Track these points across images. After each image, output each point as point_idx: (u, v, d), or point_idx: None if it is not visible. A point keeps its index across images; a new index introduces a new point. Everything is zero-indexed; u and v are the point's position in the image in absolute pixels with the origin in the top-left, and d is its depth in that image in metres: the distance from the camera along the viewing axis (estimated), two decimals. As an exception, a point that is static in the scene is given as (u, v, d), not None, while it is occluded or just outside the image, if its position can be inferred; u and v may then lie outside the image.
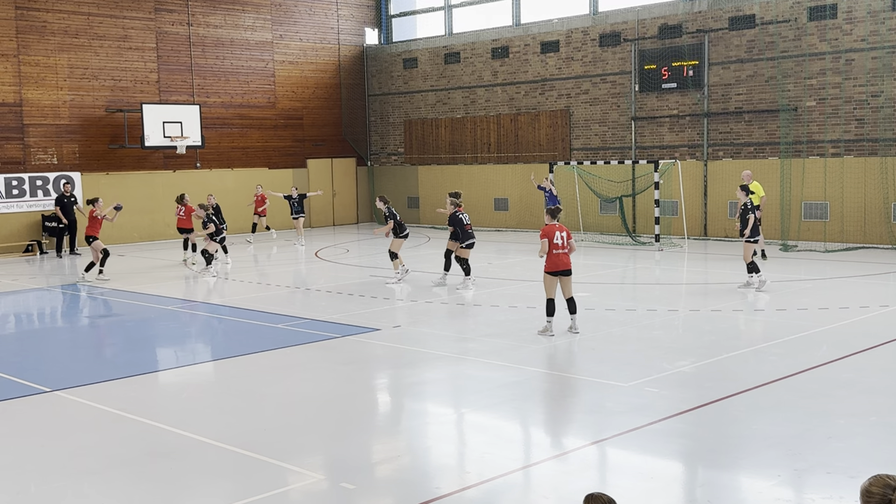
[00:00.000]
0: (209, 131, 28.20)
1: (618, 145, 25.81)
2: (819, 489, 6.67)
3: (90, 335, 14.20)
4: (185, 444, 8.04)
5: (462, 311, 14.58)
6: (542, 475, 7.25)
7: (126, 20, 26.71)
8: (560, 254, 12.14)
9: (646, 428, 8.14)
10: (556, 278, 12.23)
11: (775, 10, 22.49)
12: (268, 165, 29.99)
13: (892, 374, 9.90)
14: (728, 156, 23.70)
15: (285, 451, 7.77)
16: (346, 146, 32.27)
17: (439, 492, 6.77)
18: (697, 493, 6.80)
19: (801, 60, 22.18)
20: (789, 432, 7.94)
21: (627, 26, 25.34)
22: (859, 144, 21.50)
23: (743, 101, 23.32)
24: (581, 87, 26.52)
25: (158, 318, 14.96)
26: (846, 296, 14.68)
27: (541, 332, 12.35)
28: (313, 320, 13.85)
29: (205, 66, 28.44)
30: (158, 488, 7.04)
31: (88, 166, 26.13)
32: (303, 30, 30.69)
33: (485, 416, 8.94)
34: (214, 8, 28.57)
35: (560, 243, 12.14)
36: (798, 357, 10.63)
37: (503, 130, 28.55)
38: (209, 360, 12.03)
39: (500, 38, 28.43)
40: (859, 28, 21.23)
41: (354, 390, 10.07)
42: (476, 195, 29.18)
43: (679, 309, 14.14)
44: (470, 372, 10.57)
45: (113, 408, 9.24)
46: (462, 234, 16.41)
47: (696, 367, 10.38)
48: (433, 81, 30.36)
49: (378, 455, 7.91)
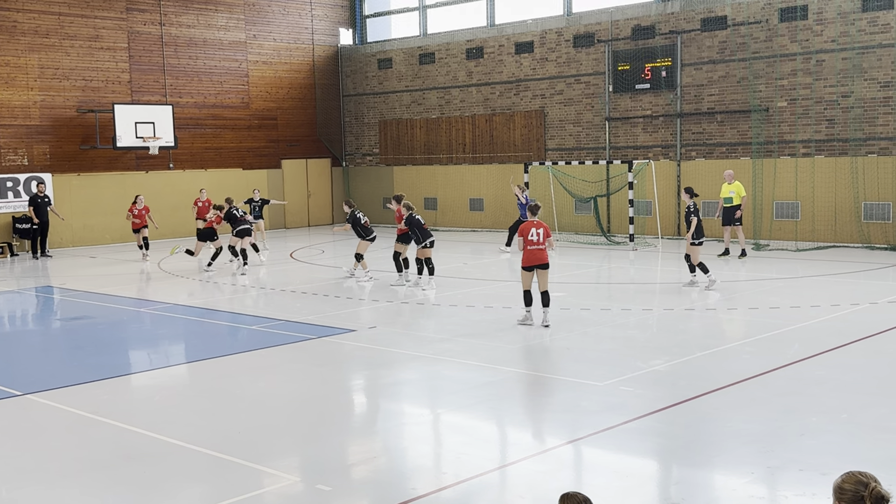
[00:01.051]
0: (182, 132, 28.01)
1: (592, 145, 25.92)
2: (792, 486, 6.73)
3: (62, 338, 14.05)
4: (158, 448, 7.98)
5: (437, 312, 14.57)
6: (518, 475, 7.27)
7: (97, 20, 26.46)
8: (535, 249, 12.63)
9: (621, 427, 8.18)
10: (533, 272, 12.75)
11: (747, 12, 22.69)
12: (242, 166, 29.82)
13: (863, 372, 10.02)
14: (701, 156, 23.88)
15: (260, 454, 7.73)
16: (321, 147, 32.17)
17: (415, 493, 6.76)
18: (672, 491, 6.85)
19: (773, 61, 22.40)
20: (762, 430, 8.01)
21: (601, 27, 25.46)
22: (830, 144, 21.73)
23: (715, 102, 23.50)
24: (555, 88, 26.61)
25: (131, 320, 14.83)
26: (817, 294, 14.84)
27: (520, 322, 12.83)
28: (288, 321, 13.79)
29: (177, 66, 28.24)
30: (132, 492, 6.97)
31: (60, 167, 25.86)
32: (276, 30, 30.56)
33: (461, 416, 8.95)
34: (187, 8, 28.37)
35: (535, 239, 12.61)
36: (770, 355, 10.73)
37: (478, 131, 28.59)
38: (183, 363, 11.94)
39: (474, 39, 28.47)
40: (830, 29, 21.47)
41: (330, 392, 10.03)
42: (451, 196, 29.20)
43: (653, 308, 14.22)
44: (446, 372, 10.57)
45: (85, 411, 9.15)
46: (421, 235, 16.47)
47: (670, 366, 10.44)
48: (408, 82, 30.34)
49: (354, 456, 7.89)
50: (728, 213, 19.57)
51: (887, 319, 12.62)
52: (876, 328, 12.03)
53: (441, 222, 29.26)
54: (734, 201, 19.46)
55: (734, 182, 19.60)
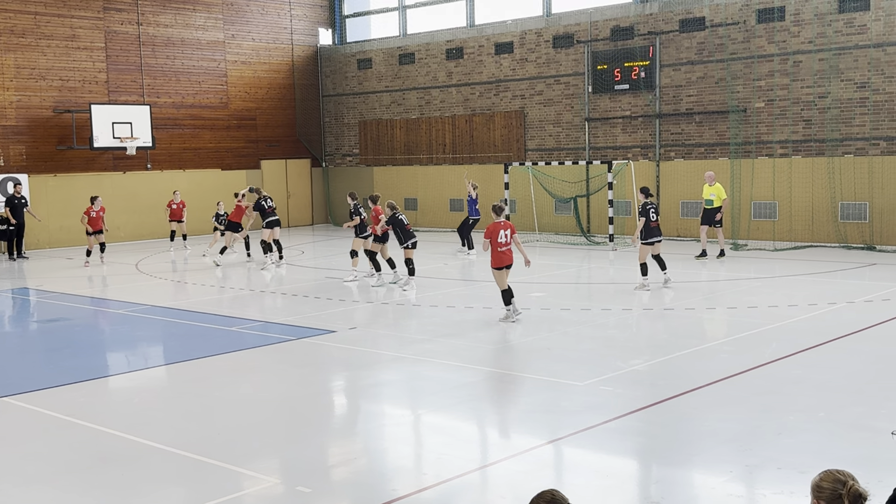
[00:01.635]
0: (160, 132, 27.82)
1: (572, 146, 26.00)
2: (770, 484, 6.77)
3: (38, 340, 13.91)
4: (136, 450, 7.91)
5: (418, 312, 14.56)
6: (498, 475, 7.27)
7: (74, 19, 26.24)
8: (505, 251, 12.89)
9: (601, 426, 8.21)
10: (504, 271, 12.99)
11: (725, 13, 22.83)
12: (221, 167, 29.67)
13: (840, 371, 10.10)
14: (679, 156, 24.00)
15: (239, 456, 7.69)
16: (301, 147, 32.06)
17: (396, 493, 6.75)
18: (652, 490, 6.87)
19: (750, 62, 22.55)
20: (740, 429, 8.06)
21: (580, 28, 25.54)
22: (807, 145, 21.91)
23: (693, 103, 23.64)
24: (535, 88, 26.67)
25: (109, 322, 14.71)
26: (795, 294, 14.95)
27: (503, 320, 12.99)
28: (268, 322, 13.73)
29: (155, 65, 28.05)
30: (109, 495, 6.91)
31: (36, 168, 25.62)
32: (255, 29, 30.43)
33: (442, 416, 8.94)
34: (164, 7, 28.19)
35: (503, 241, 12.87)
36: (748, 354, 10.79)
37: (458, 131, 28.60)
38: (161, 365, 11.86)
39: (454, 39, 28.47)
40: (807, 30, 21.64)
41: (310, 393, 10.00)
42: (431, 196, 29.19)
43: (633, 308, 14.28)
44: (426, 373, 10.56)
45: (62, 414, 9.06)
46: (404, 235, 16.44)
47: (649, 366, 10.49)
48: (388, 82, 30.30)
49: (334, 458, 7.87)
50: (708, 215, 19.66)
51: (864, 318, 12.73)
52: (852, 327, 12.14)
53: (421, 223, 29.24)
54: (714, 203, 19.54)
55: (715, 184, 19.68)
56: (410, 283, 16.46)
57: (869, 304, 13.93)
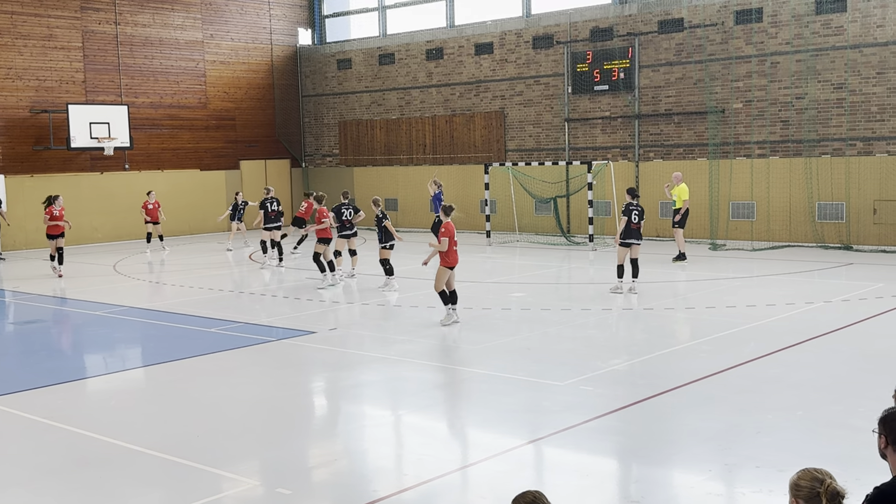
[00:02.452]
0: (138, 132, 27.62)
1: (552, 146, 26.06)
2: (749, 483, 6.81)
3: (15, 342, 13.77)
4: (114, 453, 7.85)
5: (398, 313, 14.54)
6: (479, 475, 7.27)
7: (51, 19, 26.01)
8: (456, 250, 13.02)
9: (581, 426, 8.23)
10: (453, 272, 13.07)
11: (703, 14, 22.97)
12: (199, 167, 29.50)
13: (818, 370, 10.18)
14: (659, 157, 24.11)
15: (219, 458, 7.64)
16: (280, 147, 31.94)
17: (377, 494, 6.73)
18: (632, 489, 6.90)
19: (728, 63, 22.69)
20: (719, 427, 8.10)
21: (560, 29, 25.60)
22: (784, 145, 22.07)
23: (672, 103, 23.75)
24: (515, 89, 26.71)
25: (86, 323, 14.59)
26: (773, 293, 15.05)
27: (446, 322, 12.92)
28: (247, 324, 13.67)
29: (133, 65, 27.85)
30: (88, 498, 6.86)
31: (12, 168, 25.37)
32: (234, 29, 30.28)
33: (422, 417, 8.93)
34: (142, 7, 28.00)
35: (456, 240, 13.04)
36: (727, 353, 10.86)
37: (438, 132, 28.59)
38: (139, 366, 11.77)
39: (434, 40, 28.46)
40: (784, 31, 21.80)
41: (290, 394, 9.96)
42: (412, 196, 29.16)
43: (612, 308, 14.33)
44: (406, 374, 10.55)
45: (39, 416, 8.98)
46: (384, 236, 16.53)
47: (629, 365, 10.53)
48: (368, 82, 30.24)
49: (314, 459, 7.84)
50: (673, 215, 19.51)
51: (841, 318, 12.84)
52: (830, 326, 12.24)
53: (402, 223, 29.20)
54: (676, 204, 19.44)
55: (680, 185, 19.47)
56: (391, 283, 16.43)
57: (846, 303, 14.06)
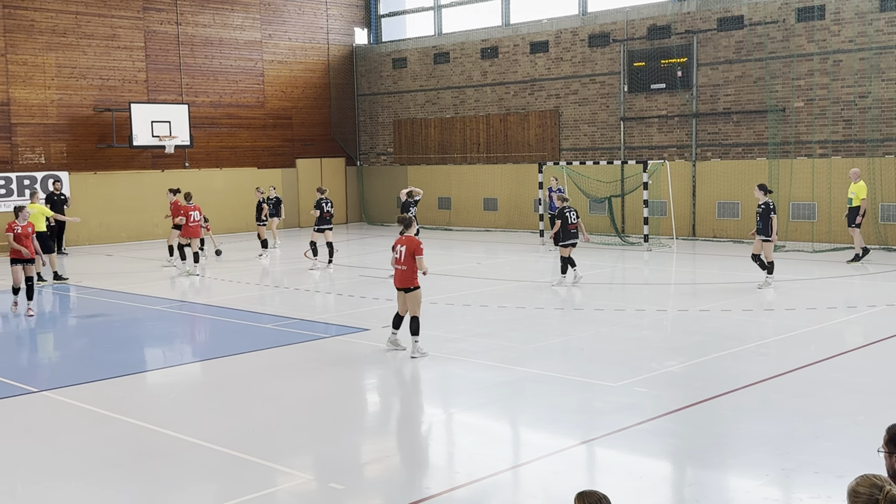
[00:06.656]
0: (198, 131, 28.12)
1: (607, 145, 25.86)
2: (807, 488, 6.69)
3: (78, 335, 14.13)
4: (172, 445, 8.01)
5: (451, 311, 14.56)
6: (531, 475, 7.25)
7: (114, 19, 26.60)
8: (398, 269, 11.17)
9: (634, 427, 8.16)
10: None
11: (763, 12, 22.58)
12: (257, 165, 29.92)
13: (880, 374, 9.95)
14: (716, 156, 23.77)
15: (274, 452, 7.75)
16: (336, 146, 32.22)
17: (429, 492, 6.76)
18: (686, 492, 6.82)
19: (789, 61, 22.27)
20: (777, 432, 7.96)
21: (616, 27, 25.39)
22: (847, 145, 21.59)
23: (731, 102, 23.39)
24: (570, 88, 26.56)
25: (146, 318, 14.90)
26: (834, 296, 14.75)
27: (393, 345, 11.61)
28: (302, 320, 13.82)
29: (193, 65, 28.35)
30: (145, 489, 7.01)
31: (76, 166, 26.01)
32: (292, 29, 30.63)
33: (474, 416, 8.94)
34: (203, 7, 28.48)
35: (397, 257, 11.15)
36: (786, 357, 10.67)
37: (492, 130, 28.56)
38: (197, 361, 11.99)
39: (489, 39, 28.44)
40: (847, 29, 21.32)
41: (343, 390, 10.05)
42: (465, 195, 29.19)
43: (668, 309, 14.17)
44: (459, 372, 10.56)
45: (100, 408, 9.20)
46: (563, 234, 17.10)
47: (684, 367, 10.40)
48: (422, 81, 30.34)
49: (367, 455, 7.90)
50: (850, 214, 18.53)
51: (904, 321, 12.53)
52: (893, 330, 11.94)
53: (455, 222, 29.26)
54: (853, 202, 18.48)
55: (858, 181, 18.42)
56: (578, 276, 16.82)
57: (910, 307, 13.71)
